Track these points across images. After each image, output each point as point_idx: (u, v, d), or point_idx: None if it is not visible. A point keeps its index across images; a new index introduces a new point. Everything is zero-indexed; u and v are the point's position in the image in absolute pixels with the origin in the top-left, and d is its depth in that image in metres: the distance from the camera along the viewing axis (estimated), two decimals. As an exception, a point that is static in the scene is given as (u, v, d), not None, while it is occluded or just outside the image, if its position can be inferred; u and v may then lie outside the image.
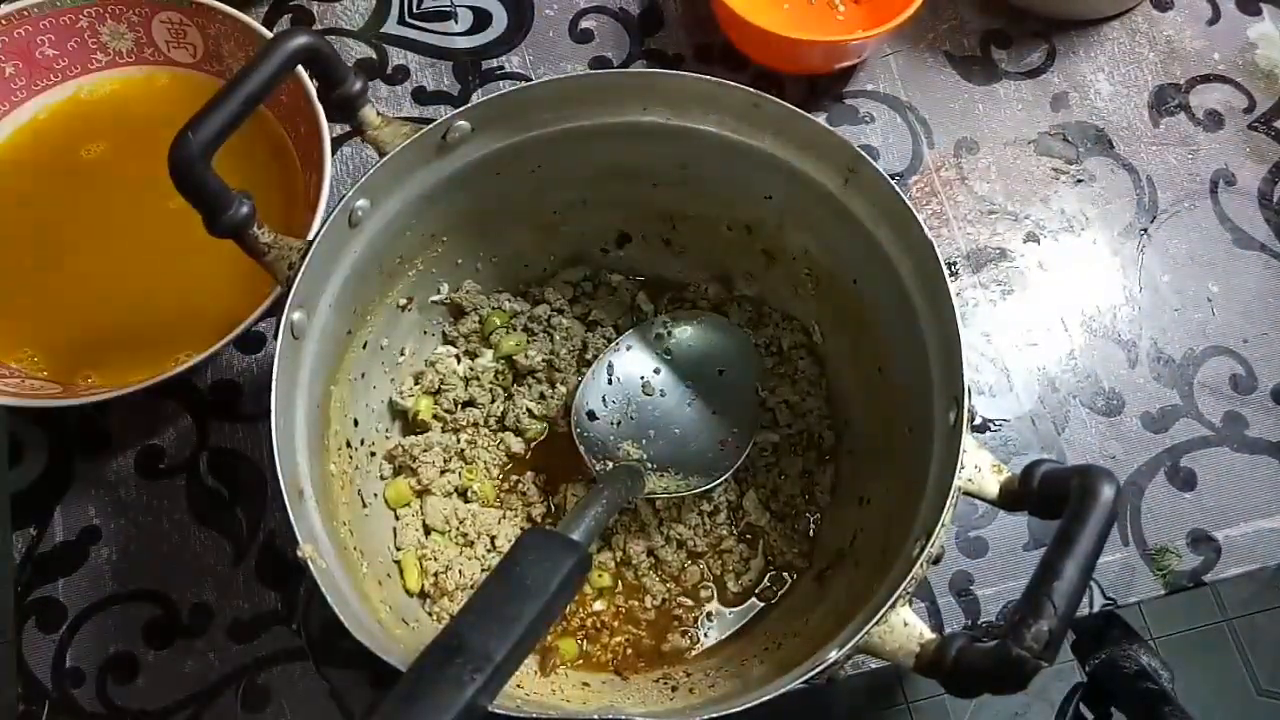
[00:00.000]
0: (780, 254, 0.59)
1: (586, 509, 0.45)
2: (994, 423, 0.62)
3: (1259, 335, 0.65)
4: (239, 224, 0.44)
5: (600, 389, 0.59)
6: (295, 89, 0.59)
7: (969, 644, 0.35)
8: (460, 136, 0.50)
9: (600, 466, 0.56)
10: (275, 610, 0.57)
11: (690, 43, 0.72)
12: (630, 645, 0.55)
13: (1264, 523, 0.60)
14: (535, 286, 0.63)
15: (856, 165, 0.49)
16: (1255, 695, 1.33)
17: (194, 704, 0.55)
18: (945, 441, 0.43)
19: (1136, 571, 0.59)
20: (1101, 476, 0.34)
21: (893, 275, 0.49)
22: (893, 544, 0.46)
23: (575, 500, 0.58)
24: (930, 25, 0.73)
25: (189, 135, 0.40)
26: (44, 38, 0.62)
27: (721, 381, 0.60)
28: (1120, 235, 0.67)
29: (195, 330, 0.58)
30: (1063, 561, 0.32)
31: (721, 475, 0.56)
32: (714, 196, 0.57)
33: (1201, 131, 0.70)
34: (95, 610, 0.57)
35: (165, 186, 0.42)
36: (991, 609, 0.58)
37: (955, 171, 0.69)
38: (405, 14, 0.73)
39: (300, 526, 0.41)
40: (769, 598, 0.56)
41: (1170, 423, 0.63)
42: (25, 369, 0.58)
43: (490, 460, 0.59)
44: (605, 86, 0.51)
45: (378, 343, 0.56)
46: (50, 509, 0.59)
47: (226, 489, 0.59)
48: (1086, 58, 0.72)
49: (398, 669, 0.37)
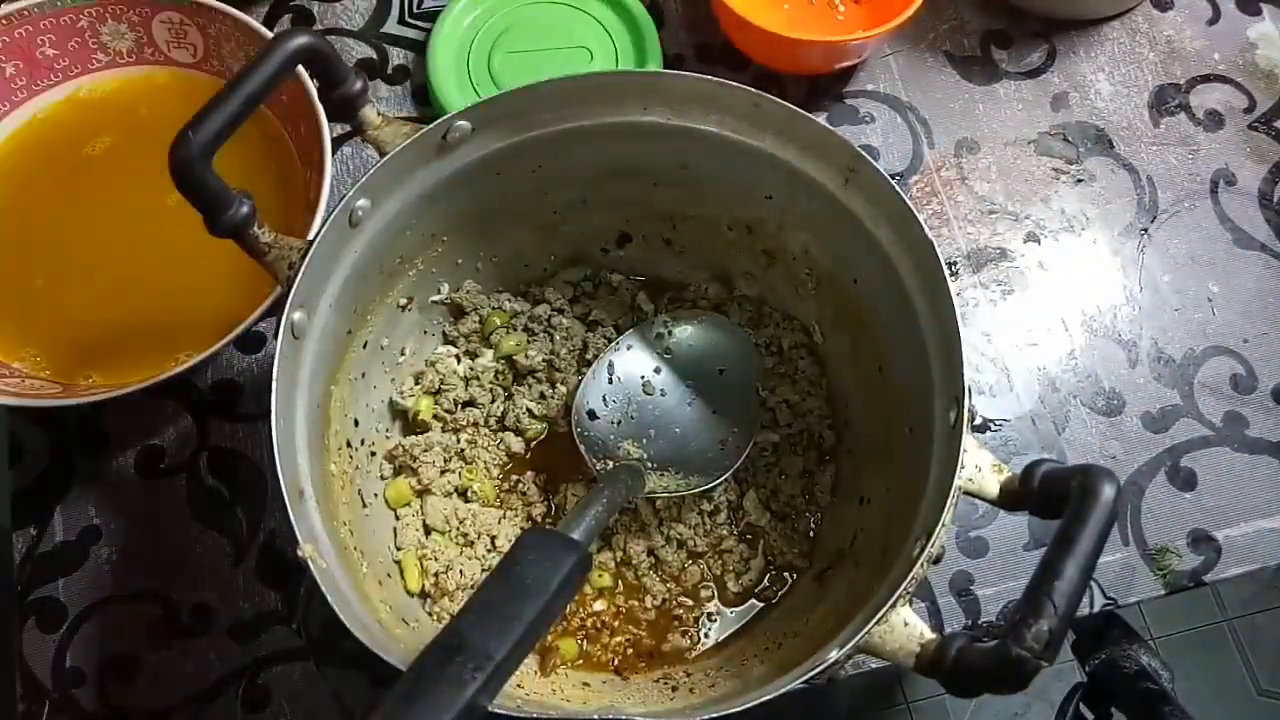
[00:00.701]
0: (780, 254, 0.59)
1: (586, 508, 0.45)
2: (994, 423, 0.62)
3: (1259, 335, 0.65)
4: (239, 224, 0.44)
5: (600, 388, 0.59)
6: (295, 89, 0.59)
7: (969, 644, 0.35)
8: (460, 136, 0.50)
9: (600, 466, 0.56)
10: (275, 610, 0.57)
11: (691, 43, 0.72)
12: (630, 645, 0.55)
13: (1264, 523, 0.60)
14: (535, 286, 0.63)
15: (857, 165, 0.49)
16: (1255, 695, 1.33)
17: (194, 704, 0.55)
18: (945, 441, 0.43)
19: (1136, 571, 0.59)
20: (1102, 476, 0.34)
21: (893, 275, 0.49)
22: (893, 544, 0.46)
23: (575, 500, 0.58)
24: (930, 25, 0.73)
25: (189, 135, 0.40)
26: (44, 38, 0.62)
27: (722, 381, 0.60)
28: (1120, 235, 0.67)
29: (195, 330, 0.58)
30: (1063, 561, 0.32)
31: (721, 475, 0.56)
32: (714, 196, 0.57)
33: (1202, 131, 0.70)
34: (95, 610, 0.57)
35: (165, 186, 0.42)
36: (992, 609, 0.58)
37: (955, 171, 0.69)
38: (405, 14, 0.73)
39: (300, 526, 0.41)
40: (769, 598, 0.56)
41: (1170, 423, 0.63)
42: (27, 369, 0.58)
43: (490, 460, 0.59)
44: (606, 86, 0.51)
45: (378, 342, 0.56)
46: (50, 509, 0.59)
47: (226, 489, 0.59)
48: (1087, 58, 0.72)
49: (398, 668, 0.37)
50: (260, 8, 0.72)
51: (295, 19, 0.72)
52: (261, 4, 0.72)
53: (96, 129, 0.64)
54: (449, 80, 0.68)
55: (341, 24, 0.72)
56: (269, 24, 0.72)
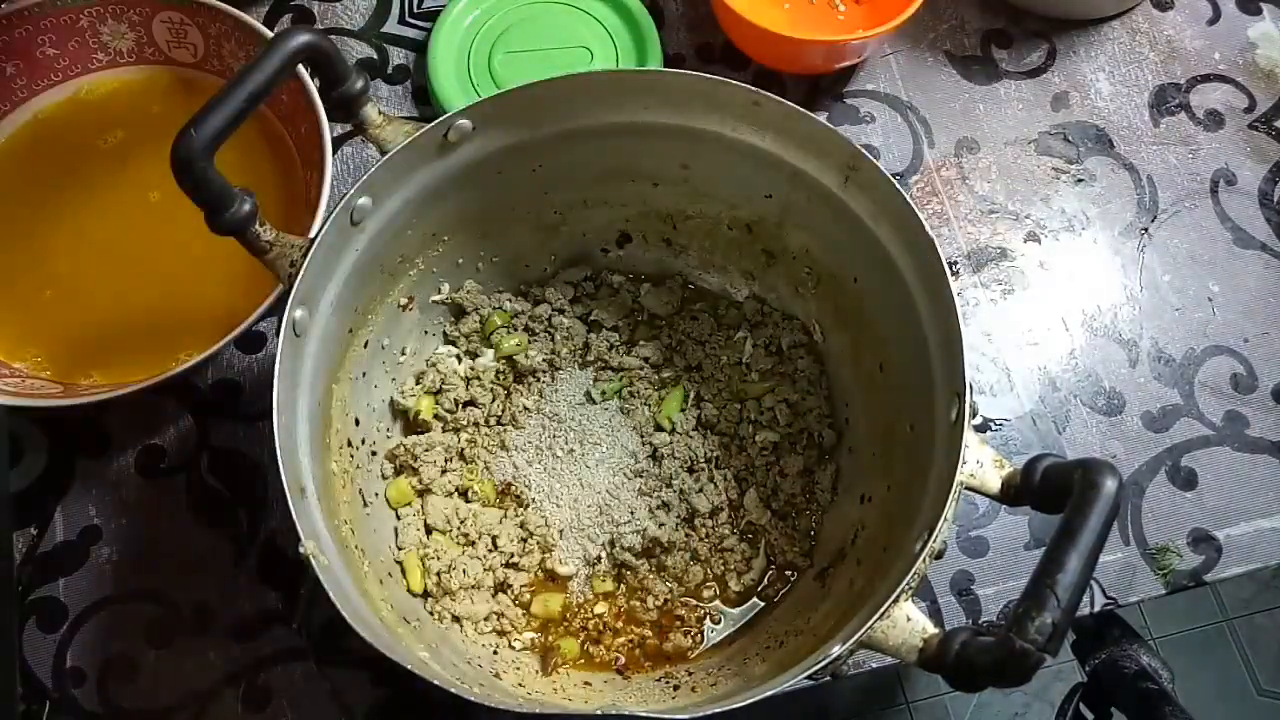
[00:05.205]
0: (781, 253, 0.59)
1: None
2: (995, 422, 0.62)
3: (1259, 334, 0.65)
4: (241, 221, 0.44)
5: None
6: (296, 88, 0.59)
7: (972, 638, 0.35)
8: (462, 135, 0.50)
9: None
10: (276, 610, 0.57)
11: (691, 42, 0.72)
12: (634, 645, 0.55)
13: (1264, 522, 0.60)
14: (536, 286, 0.63)
15: (857, 163, 0.49)
16: (1255, 695, 1.33)
17: (194, 704, 0.55)
18: (947, 437, 0.43)
19: (1137, 571, 0.59)
20: (1104, 468, 0.34)
21: (893, 272, 0.49)
22: (894, 541, 0.46)
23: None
24: (930, 25, 0.73)
25: (191, 133, 0.40)
26: (44, 37, 0.62)
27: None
28: (1121, 235, 0.67)
29: (196, 330, 0.58)
30: (1066, 554, 0.32)
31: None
32: (715, 196, 0.57)
33: (1202, 131, 0.70)
34: (95, 610, 0.57)
35: (166, 185, 0.42)
36: (992, 608, 0.58)
37: (956, 171, 0.69)
38: (406, 14, 0.73)
39: (302, 524, 0.41)
40: (771, 596, 0.56)
41: (1171, 422, 0.63)
42: (28, 369, 0.58)
43: (490, 460, 0.59)
44: (606, 86, 0.51)
45: (379, 342, 0.56)
46: (51, 509, 0.59)
47: (227, 489, 0.59)
48: (1087, 57, 0.73)
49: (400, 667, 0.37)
50: (260, 8, 0.72)
51: (295, 19, 0.72)
52: (261, 4, 0.72)
53: (97, 129, 0.64)
54: (449, 80, 0.68)
55: (342, 24, 0.72)
56: (269, 24, 0.72)
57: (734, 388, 0.60)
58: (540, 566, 0.56)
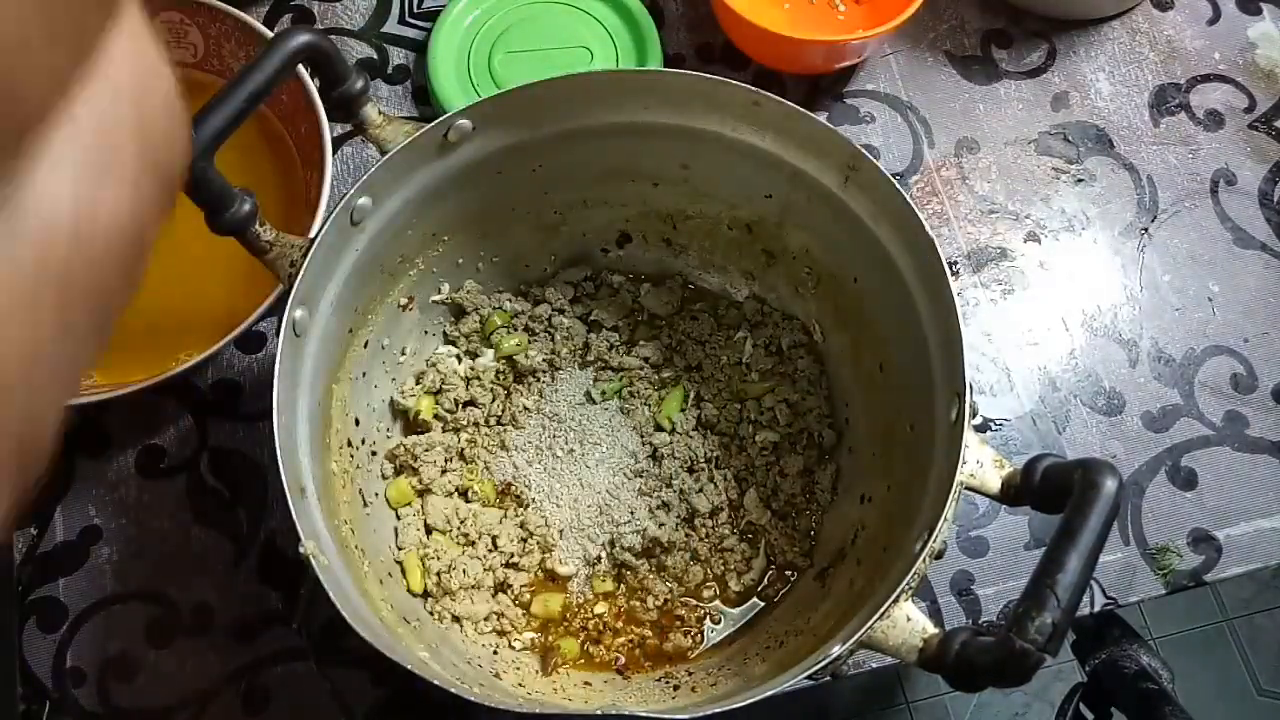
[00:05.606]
0: (781, 253, 0.59)
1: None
2: (995, 422, 0.62)
3: (1259, 334, 0.65)
4: (241, 221, 0.44)
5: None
6: (296, 88, 0.59)
7: (972, 638, 0.35)
8: (462, 135, 0.50)
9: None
10: (276, 610, 0.57)
11: (691, 42, 0.72)
12: (634, 645, 0.55)
13: (1264, 522, 0.60)
14: (536, 286, 0.63)
15: (857, 163, 0.49)
16: (1255, 695, 1.33)
17: (194, 704, 0.55)
18: (947, 437, 0.43)
19: (1137, 571, 0.59)
20: (1104, 468, 0.34)
21: (893, 272, 0.49)
22: (894, 540, 0.46)
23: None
24: (930, 25, 0.73)
25: (191, 132, 0.40)
26: (45, 37, 0.62)
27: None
28: (1121, 235, 0.67)
29: (196, 329, 0.58)
30: (1066, 553, 0.32)
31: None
32: (715, 196, 0.57)
33: (1202, 131, 0.70)
34: (95, 610, 0.57)
35: (167, 184, 0.42)
36: (992, 608, 0.58)
37: (956, 171, 0.69)
38: (406, 14, 0.73)
39: (302, 523, 0.41)
40: (771, 596, 0.56)
41: (1171, 422, 0.63)
42: (27, 368, 0.58)
43: (490, 460, 0.59)
44: (606, 86, 0.51)
45: (379, 342, 0.56)
46: (50, 509, 0.59)
47: (227, 489, 0.59)
48: (1087, 57, 0.73)
49: (400, 666, 0.37)
50: (260, 8, 0.72)
51: (295, 19, 0.72)
52: (261, 4, 0.72)
53: (97, 129, 0.64)
54: (449, 80, 0.68)
55: (342, 24, 0.72)
56: (269, 24, 0.72)
57: (734, 388, 0.60)
58: (540, 566, 0.56)
